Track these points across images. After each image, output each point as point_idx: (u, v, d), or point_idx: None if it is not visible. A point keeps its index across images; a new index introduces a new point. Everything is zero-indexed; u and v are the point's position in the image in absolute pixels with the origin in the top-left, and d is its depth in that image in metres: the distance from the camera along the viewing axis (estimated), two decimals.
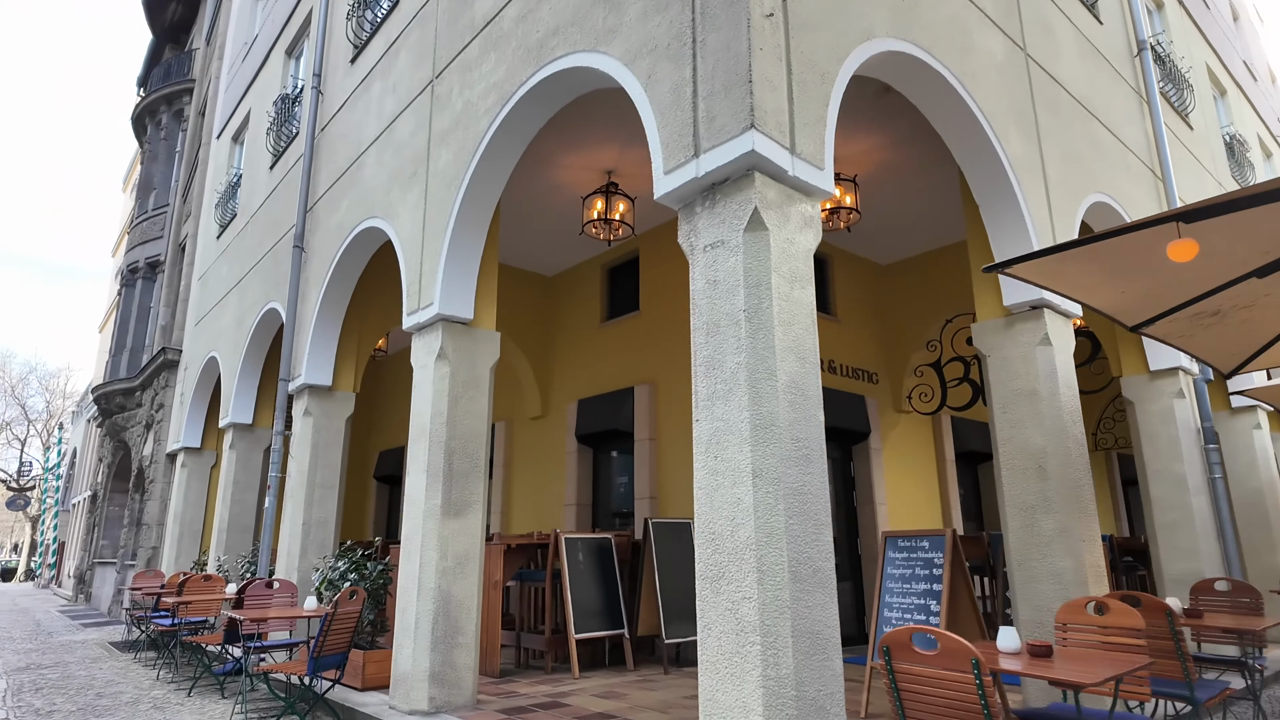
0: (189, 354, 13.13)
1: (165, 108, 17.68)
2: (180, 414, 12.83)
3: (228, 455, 10.23)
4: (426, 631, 5.15)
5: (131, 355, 16.52)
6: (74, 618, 14.79)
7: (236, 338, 10.45)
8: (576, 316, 9.81)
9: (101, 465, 19.41)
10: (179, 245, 15.91)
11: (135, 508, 14.67)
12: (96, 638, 11.22)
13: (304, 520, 7.57)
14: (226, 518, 9.94)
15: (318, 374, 7.88)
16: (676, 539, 7.11)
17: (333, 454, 7.89)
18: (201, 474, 12.58)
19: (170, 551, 12.19)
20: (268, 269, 9.68)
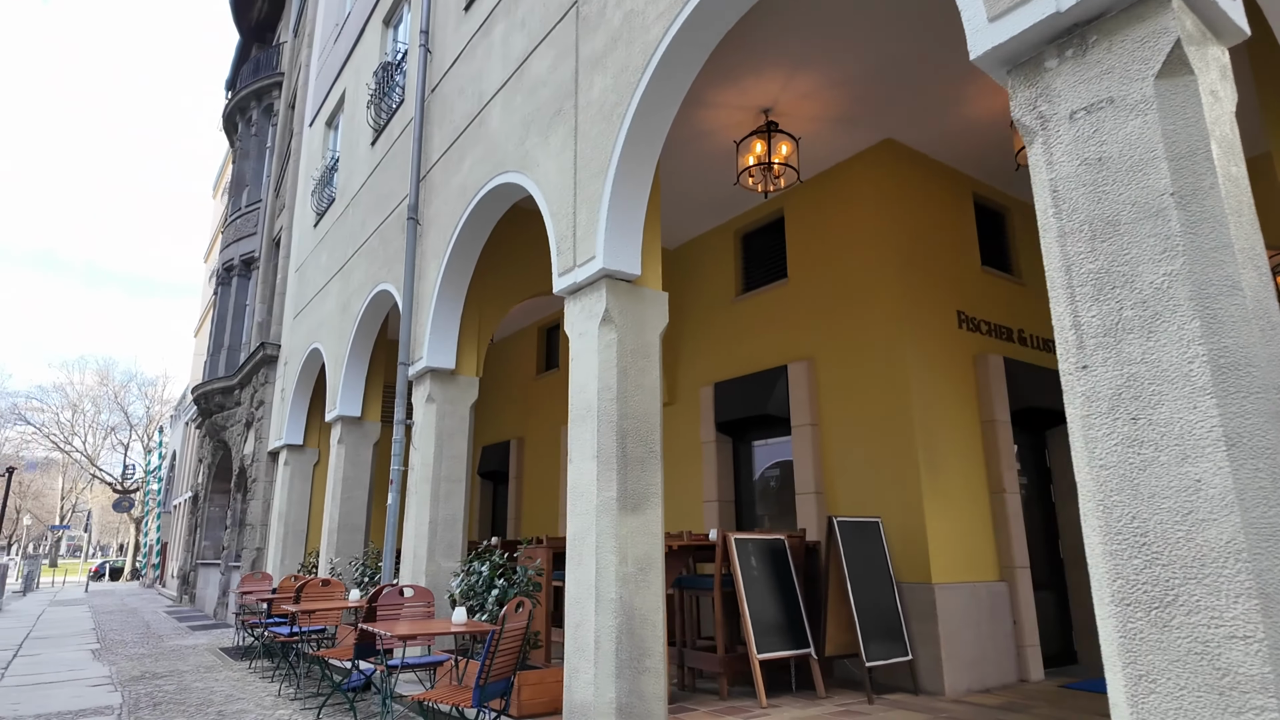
0: (288, 348, 12.70)
1: (255, 104, 17.53)
2: (281, 410, 12.40)
3: (335, 450, 9.61)
4: (610, 653, 4.19)
5: (229, 354, 16.37)
6: (181, 619, 14.65)
7: (341, 325, 9.83)
8: (706, 292, 8.77)
9: (201, 466, 19.48)
10: (273, 240, 15.64)
11: (237, 508, 14.41)
12: (206, 643, 10.82)
13: (430, 519, 6.77)
14: (336, 517, 9.31)
15: (440, 356, 7.08)
16: (865, 541, 5.98)
17: (458, 444, 7.08)
18: (304, 472, 12.11)
19: (275, 553, 11.74)
20: (375, 249, 9.00)
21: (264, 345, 13.18)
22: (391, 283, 8.25)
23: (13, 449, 57.37)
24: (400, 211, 8.32)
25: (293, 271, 13.31)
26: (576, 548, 4.53)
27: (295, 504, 11.90)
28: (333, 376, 9.92)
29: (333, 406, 9.69)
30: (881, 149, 6.97)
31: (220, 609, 13.99)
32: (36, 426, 45.71)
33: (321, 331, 10.74)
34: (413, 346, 7.31)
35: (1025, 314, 7.72)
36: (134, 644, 10.99)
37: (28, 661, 9.37)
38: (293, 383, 11.98)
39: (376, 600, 5.61)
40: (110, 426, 45.92)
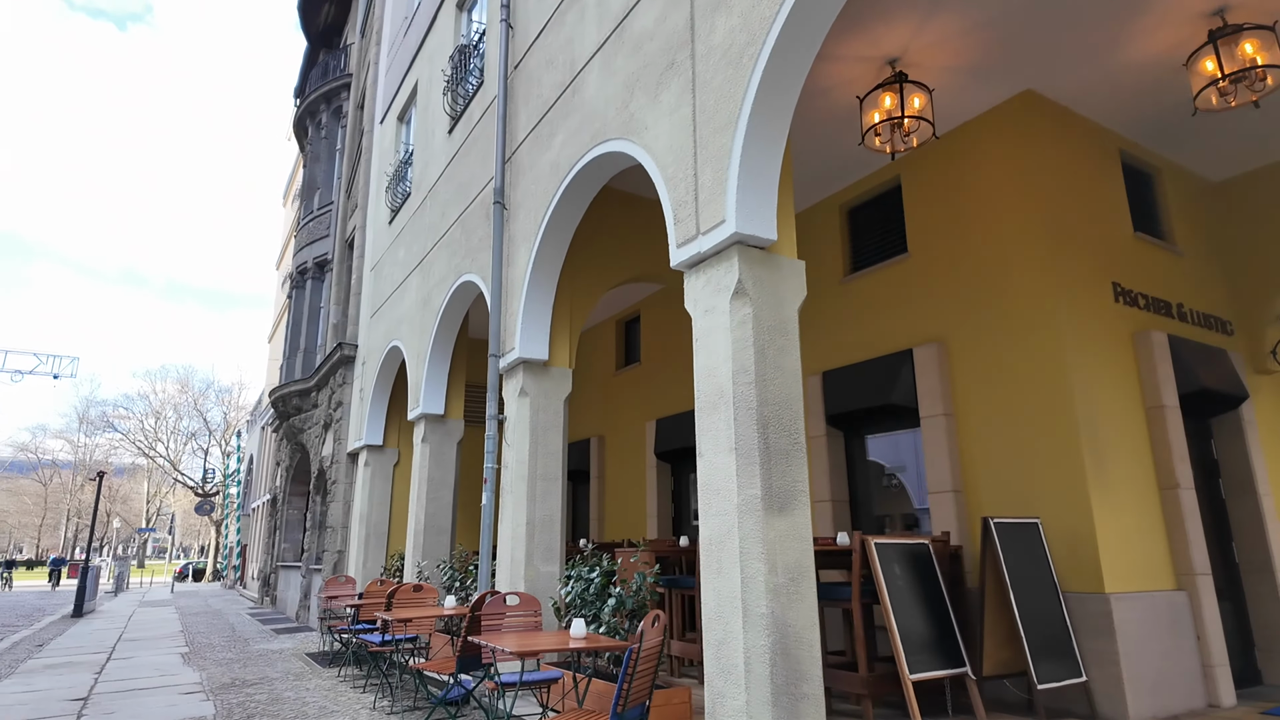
0: (366, 347, 12.52)
1: (324, 106, 17.58)
2: (360, 411, 12.22)
3: (419, 450, 9.28)
4: (763, 677, 3.59)
5: (305, 356, 16.41)
6: (264, 621, 14.69)
7: (423, 320, 9.51)
8: (809, 273, 8.09)
9: (279, 469, 19.68)
10: (346, 242, 15.59)
11: (317, 510, 14.36)
12: (292, 647, 10.66)
13: (527, 519, 6.30)
14: (422, 519, 8.97)
15: (533, 346, 6.61)
16: (1024, 545, 5.24)
17: (553, 440, 6.59)
18: (385, 473, 11.89)
19: (357, 555, 11.54)
20: (456, 240, 8.62)
21: (341, 345, 13.05)
22: (476, 273, 7.84)
23: (102, 454, 60.28)
24: (484, 198, 7.91)
25: (368, 270, 13.15)
26: (714, 554, 3.95)
27: (376, 505, 11.68)
28: (414, 373, 9.61)
29: (415, 404, 9.36)
30: (1019, 103, 6.19)
31: (302, 612, 13.94)
32: (123, 433, 47.77)
33: (401, 328, 10.47)
34: (503, 337, 6.87)
35: (1184, 286, 6.80)
36: (221, 648, 10.92)
37: (121, 665, 9.33)
38: (371, 382, 11.77)
39: (480, 609, 5.14)
40: (190, 432, 47.66)
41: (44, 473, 65.10)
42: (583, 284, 7.11)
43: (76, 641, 12.17)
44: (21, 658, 10.42)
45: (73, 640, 12.32)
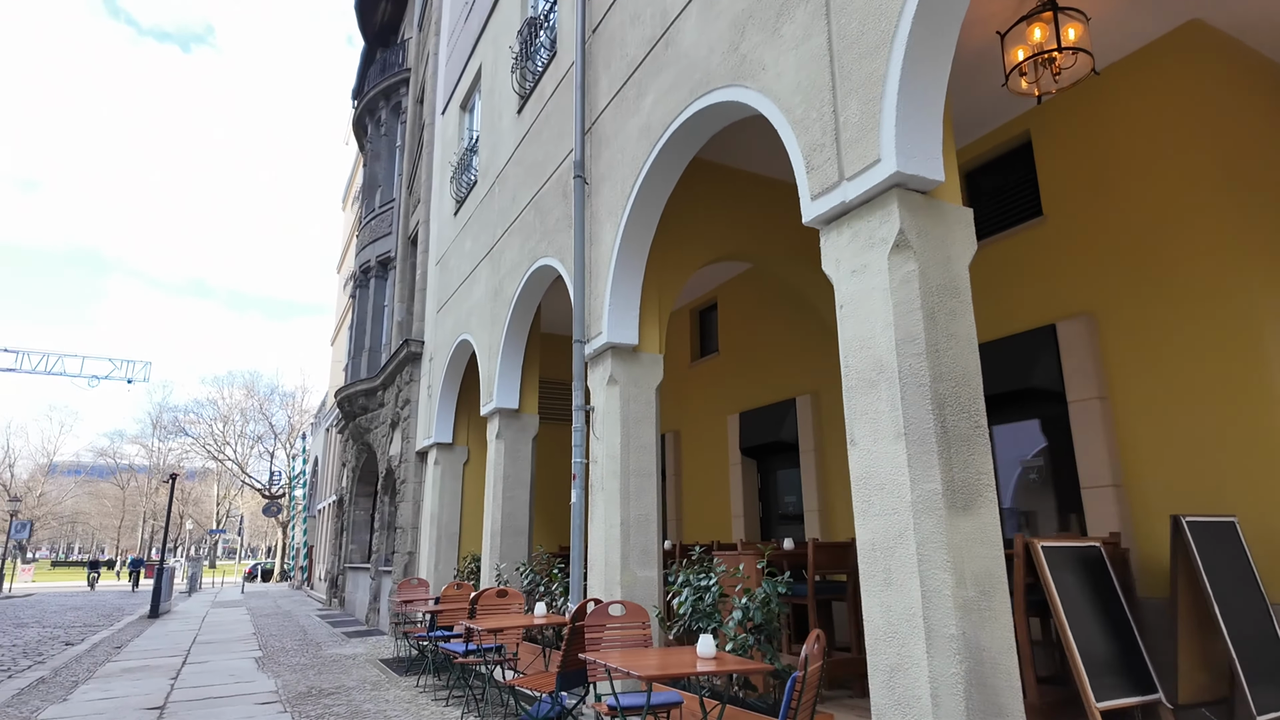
0: (433, 344, 12.17)
1: (383, 103, 17.42)
2: (429, 408, 11.86)
3: (494, 447, 8.81)
4: (956, 712, 2.90)
5: (370, 356, 16.24)
6: (334, 624, 14.52)
7: (494, 311, 9.04)
8: None
9: (345, 470, 19.64)
10: (408, 238, 15.34)
11: (385, 511, 14.11)
12: (365, 652, 10.33)
13: (621, 519, 5.71)
14: (499, 519, 8.48)
15: (621, 330, 6.02)
16: (1222, 549, 4.41)
17: (646, 432, 5.99)
18: (455, 471, 11.50)
19: (428, 556, 11.17)
20: (530, 223, 8.11)
21: (408, 342, 12.74)
22: (554, 255, 7.31)
23: (174, 459, 62.45)
24: (560, 176, 7.37)
25: (433, 265, 12.82)
26: (879, 562, 3.27)
27: (447, 506, 11.29)
28: (486, 367, 9.14)
29: (489, 399, 8.90)
30: (1183, 35, 5.34)
31: (372, 615, 13.69)
32: (194, 437, 49.25)
33: (471, 321, 10.03)
34: (588, 322, 6.30)
35: None
36: (294, 652, 10.67)
37: (196, 670, 9.11)
38: (439, 379, 11.39)
39: (581, 619, 4.57)
40: (257, 436, 48.87)
41: (121, 476, 67.83)
42: (672, 262, 6.50)
43: (152, 644, 12.13)
44: (100, 660, 10.34)
45: (149, 642, 12.29)
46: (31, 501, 57.66)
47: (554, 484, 12.42)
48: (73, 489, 69.82)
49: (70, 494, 69.24)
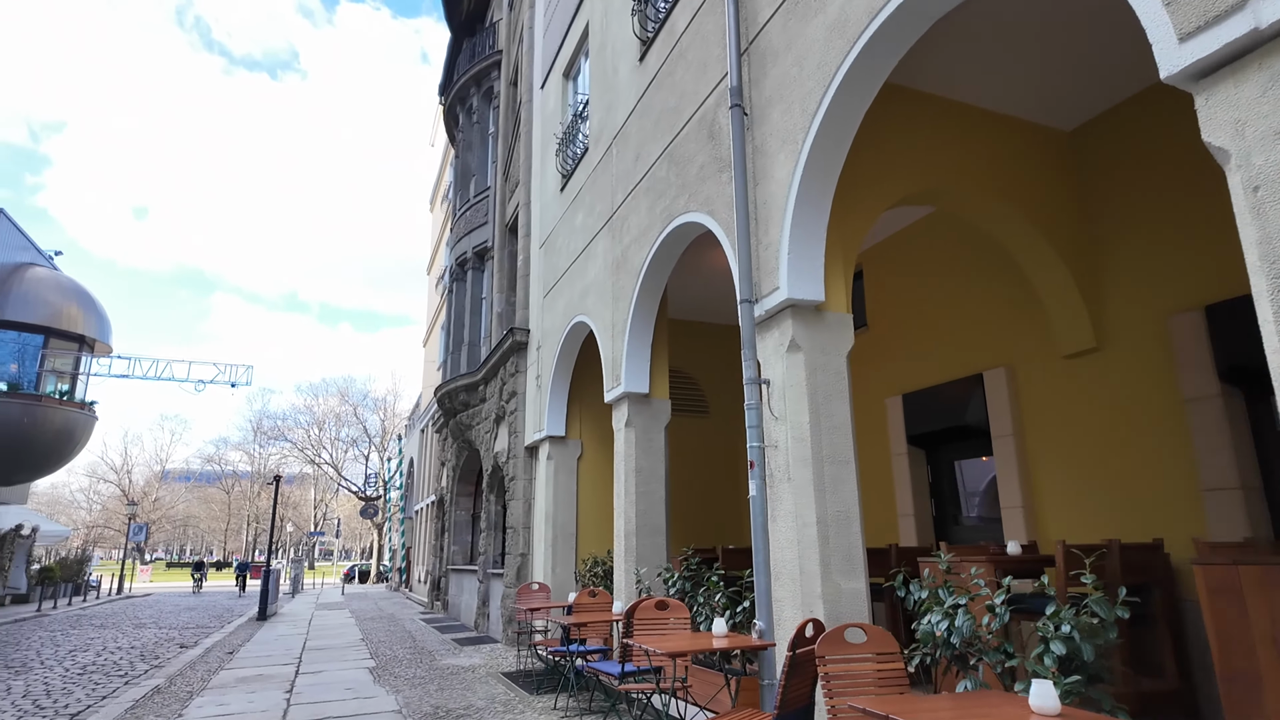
0: (540, 331, 11.35)
1: (474, 89, 16.87)
2: (538, 400, 11.05)
3: (623, 436, 7.84)
4: None
5: (470, 350, 15.67)
6: (442, 629, 13.94)
7: (618, 285, 8.08)
8: (1147, 166, 5.92)
9: (444, 470, 19.22)
10: (506, 225, 14.66)
11: (491, 510, 13.42)
12: (483, 664, 9.55)
13: (817, 516, 4.59)
14: (633, 518, 7.50)
15: (804, 284, 4.91)
16: None
17: (838, 409, 4.86)
18: (569, 467, 10.63)
19: (543, 559, 10.33)
20: (663, 179, 7.11)
21: (512, 332, 11.99)
22: (699, 209, 6.27)
23: (274, 464, 65.00)
24: (704, 115, 6.32)
25: (536, 249, 12.03)
26: None
27: (562, 504, 10.43)
28: (610, 348, 8.20)
29: (614, 383, 7.94)
30: None
31: (481, 620, 13.00)
32: (293, 442, 50.87)
33: (587, 300, 9.12)
34: (758, 276, 5.22)
35: None
36: (407, 661, 10.01)
37: (311, 683, 8.51)
38: (550, 367, 10.55)
39: (804, 645, 3.47)
40: (351, 439, 50.06)
41: (227, 482, 71.17)
42: (853, 205, 5.34)
43: (263, 649, 11.77)
44: (214, 667, 9.94)
45: (260, 648, 11.95)
46: (147, 506, 61.01)
47: (684, 479, 11.38)
48: (183, 494, 73.74)
49: (182, 499, 73.12)
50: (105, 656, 12.04)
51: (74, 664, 11.22)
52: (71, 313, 23.80)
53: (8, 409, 21.92)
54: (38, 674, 10.23)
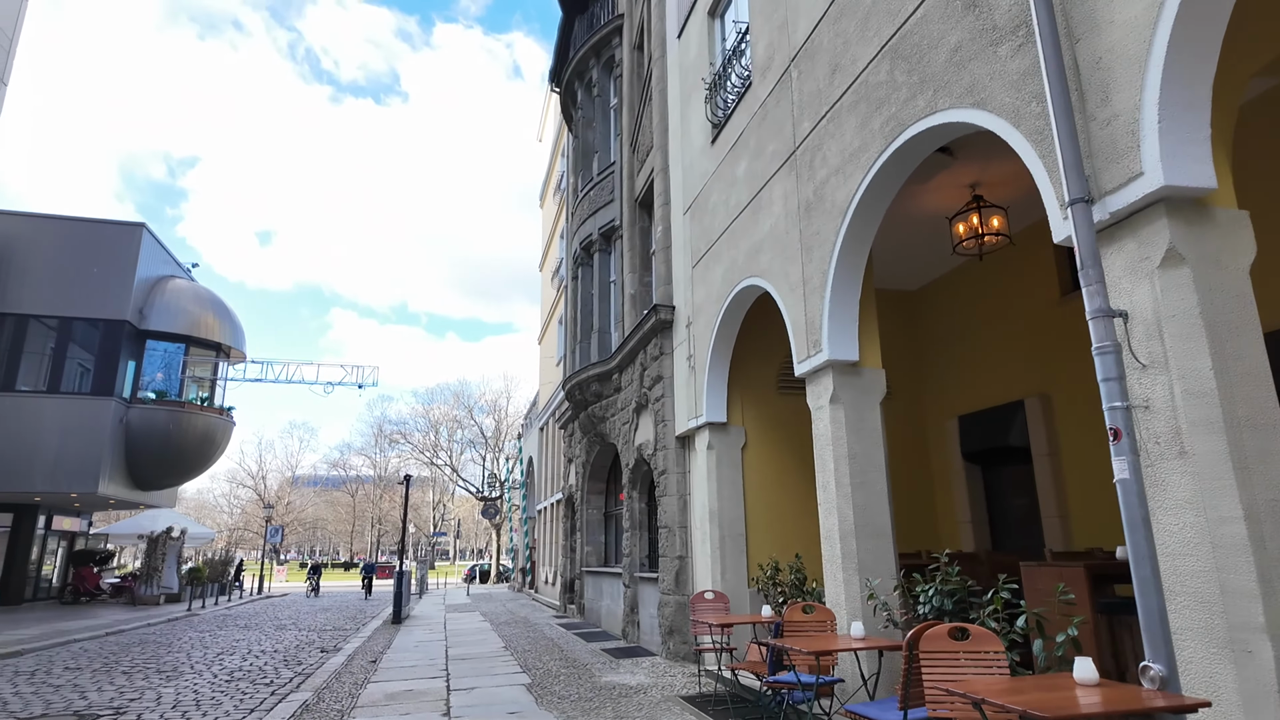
0: (690, 306, 10.05)
1: (594, 61, 15.83)
2: (691, 383, 9.75)
3: (826, 415, 6.38)
4: None
5: (600, 338, 14.61)
6: (586, 637, 12.90)
7: (810, 231, 6.64)
8: None
9: (571, 466, 18.31)
10: (634, 201, 13.50)
11: (634, 508, 12.26)
12: (652, 683, 8.33)
13: (1244, 508, 3.02)
14: (849, 515, 6.04)
15: (1186, 164, 3.34)
16: None
17: (1249, 349, 3.25)
18: (732, 458, 9.28)
19: (709, 562, 9.02)
20: (882, 83, 5.62)
21: (655, 310, 10.76)
22: (955, 104, 4.75)
23: (394, 468, 67.23)
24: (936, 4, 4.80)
25: (679, 216, 10.75)
26: None
27: (727, 499, 9.09)
28: (798, 310, 6.78)
29: (810, 351, 6.51)
30: None
31: (630, 628, 11.84)
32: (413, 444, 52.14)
33: (760, 260, 7.73)
34: (1094, 164, 3.67)
35: None
36: (563, 677, 8.94)
37: (466, 702, 7.52)
38: (706, 345, 9.23)
39: None
40: (468, 440, 50.78)
41: (351, 486, 74.32)
42: (1246, 43, 3.65)
43: (406, 657, 11.05)
44: (360, 679, 9.20)
45: (402, 655, 11.24)
46: (281, 509, 64.36)
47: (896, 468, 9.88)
48: (312, 498, 77.63)
49: (311, 502, 76.98)
50: (250, 661, 11.69)
51: (221, 669, 10.86)
52: (209, 321, 24.60)
53: (155, 416, 22.81)
54: (187, 680, 9.86)
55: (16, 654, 12.58)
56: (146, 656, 12.22)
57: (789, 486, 9.43)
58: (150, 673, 10.55)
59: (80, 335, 21.96)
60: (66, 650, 13.21)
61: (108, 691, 9.01)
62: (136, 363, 23.01)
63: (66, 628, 16.44)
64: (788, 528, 9.23)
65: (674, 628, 9.75)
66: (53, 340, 21.62)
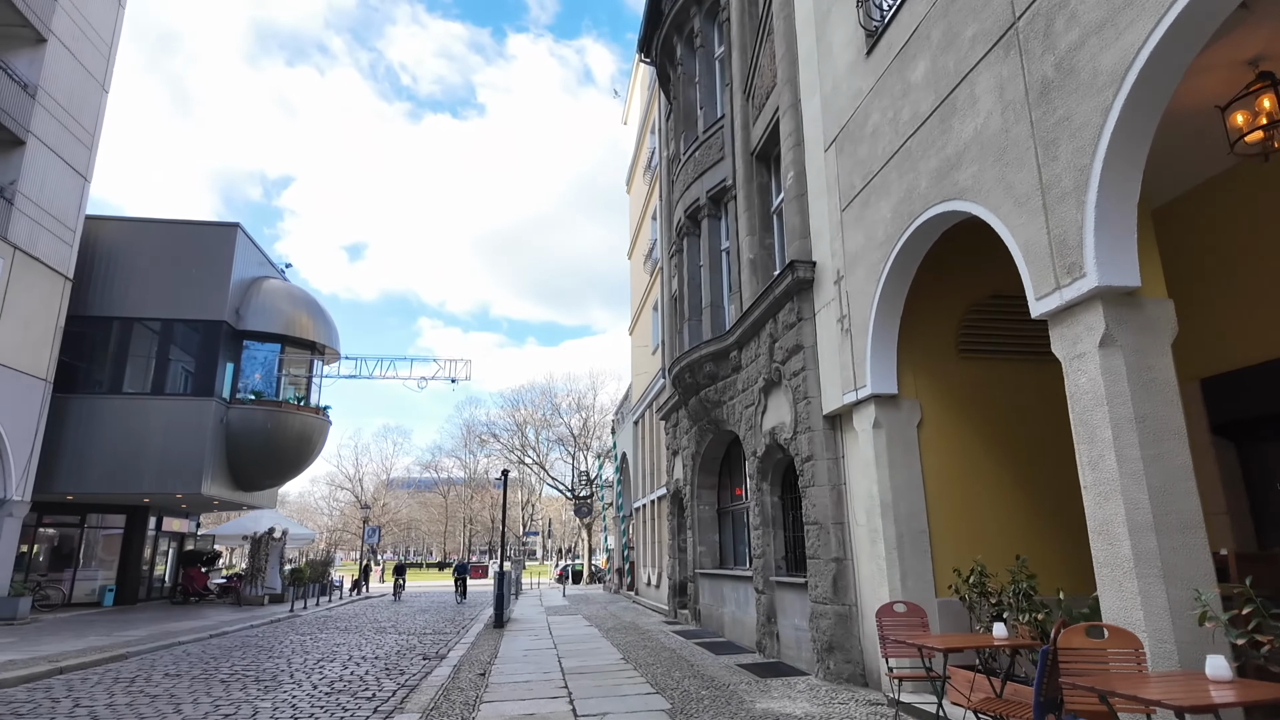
0: (842, 255, 8.41)
1: (695, 9, 14.35)
2: (843, 350, 8.11)
3: (1096, 366, 4.63)
4: None
5: (713, 313, 13.10)
6: (712, 649, 11.39)
7: (1048, 120, 4.91)
8: None
9: (676, 459, 16.86)
10: (751, 154, 11.93)
11: (766, 502, 10.67)
12: (818, 712, 6.73)
13: None
14: (1142, 503, 4.30)
15: None
16: None
17: None
18: (906, 438, 7.59)
19: (881, 565, 7.36)
20: None
21: (793, 267, 9.15)
22: None
23: (483, 468, 67.66)
24: None
25: (820, 154, 9.12)
26: None
27: (902, 489, 7.42)
28: (1031, 228, 5.07)
29: (1053, 282, 4.80)
30: None
31: (768, 640, 10.26)
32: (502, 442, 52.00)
33: (956, 178, 6.05)
34: None
35: None
36: (705, 700, 7.46)
37: None
38: (869, 300, 7.58)
39: None
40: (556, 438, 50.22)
41: (443, 487, 75.38)
42: None
43: (517, 669, 9.83)
44: (470, 699, 7.99)
45: (512, 667, 10.03)
46: (377, 511, 65.72)
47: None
48: (406, 500, 79.19)
49: (405, 504, 78.53)
50: (351, 669, 10.76)
51: (321, 678, 9.96)
52: (303, 321, 24.45)
53: (254, 416, 22.75)
54: (286, 691, 8.95)
55: (121, 657, 12.12)
56: (246, 662, 11.51)
57: (979, 472, 7.67)
58: (248, 682, 9.74)
59: (180, 337, 22.07)
60: (170, 654, 12.70)
61: (203, 705, 8.17)
62: (235, 363, 23.02)
63: (173, 628, 16.18)
64: (981, 522, 7.47)
65: (834, 643, 8.12)
66: (155, 342, 21.80)
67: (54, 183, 19.29)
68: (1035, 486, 7.70)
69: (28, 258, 18.16)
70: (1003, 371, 8.01)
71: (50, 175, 19.18)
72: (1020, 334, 7.98)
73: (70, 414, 20.13)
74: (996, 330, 8.02)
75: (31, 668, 10.56)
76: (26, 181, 18.32)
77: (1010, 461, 7.77)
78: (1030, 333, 8.04)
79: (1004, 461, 7.76)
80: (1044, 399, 7.87)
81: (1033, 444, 7.80)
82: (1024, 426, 7.84)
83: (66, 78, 19.86)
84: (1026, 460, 7.76)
